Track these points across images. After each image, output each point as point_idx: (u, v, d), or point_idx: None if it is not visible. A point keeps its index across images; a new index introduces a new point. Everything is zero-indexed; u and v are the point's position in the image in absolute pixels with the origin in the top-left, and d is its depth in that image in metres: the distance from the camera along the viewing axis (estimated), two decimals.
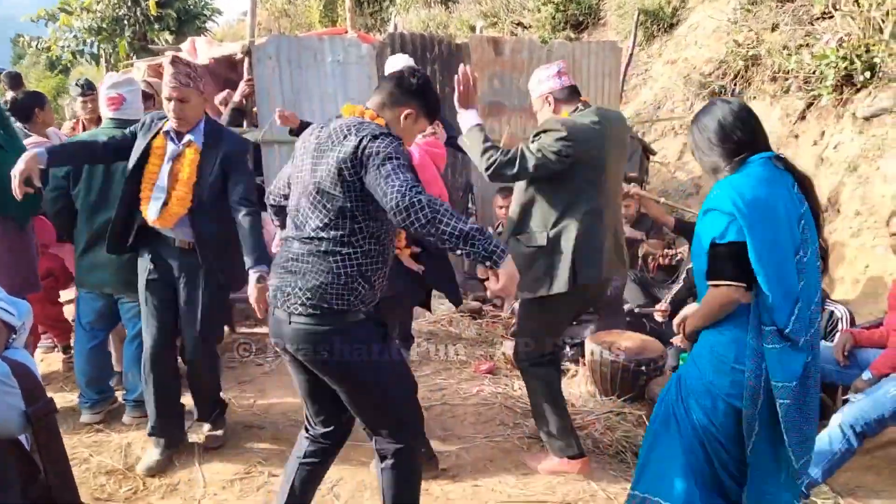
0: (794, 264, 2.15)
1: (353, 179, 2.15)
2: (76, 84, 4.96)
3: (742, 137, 2.21)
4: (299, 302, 2.19)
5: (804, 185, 2.24)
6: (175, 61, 3.07)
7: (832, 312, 3.75)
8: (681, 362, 3.00)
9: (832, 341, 3.65)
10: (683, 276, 4.56)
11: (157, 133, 3.14)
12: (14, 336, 2.14)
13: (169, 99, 3.05)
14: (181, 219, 3.14)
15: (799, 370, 2.16)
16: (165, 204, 3.09)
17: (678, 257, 5.32)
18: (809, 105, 6.24)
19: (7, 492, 1.75)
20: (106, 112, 3.52)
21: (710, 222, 2.18)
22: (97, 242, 3.46)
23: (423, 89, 2.38)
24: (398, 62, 3.68)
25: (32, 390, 1.78)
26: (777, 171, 2.21)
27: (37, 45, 16.65)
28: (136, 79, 4.05)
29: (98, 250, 3.46)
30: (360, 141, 2.14)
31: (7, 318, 2.09)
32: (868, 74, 5.51)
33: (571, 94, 3.12)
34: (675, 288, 4.55)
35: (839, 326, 3.71)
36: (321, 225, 2.20)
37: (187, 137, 3.13)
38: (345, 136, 2.18)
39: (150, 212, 3.11)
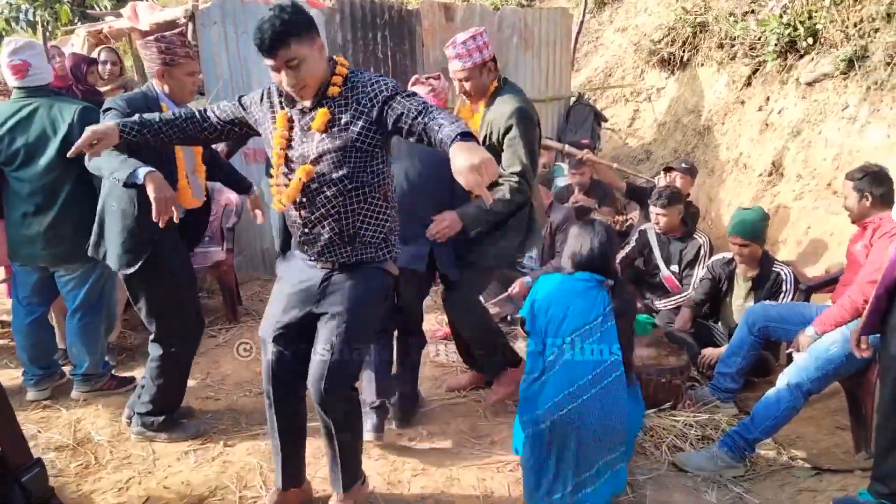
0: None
1: None
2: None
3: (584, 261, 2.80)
4: None
5: (621, 307, 2.75)
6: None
7: (777, 274, 3.83)
8: None
9: (777, 301, 3.77)
10: (635, 237, 4.64)
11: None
12: None
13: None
14: None
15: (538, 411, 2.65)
16: None
17: (629, 223, 5.42)
18: (755, 71, 6.34)
19: None
20: (12, 81, 3.27)
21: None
22: (28, 214, 3.33)
23: None
24: None
25: None
26: (593, 286, 2.75)
27: None
28: (39, 43, 3.78)
29: (30, 223, 3.33)
30: None
31: None
32: (811, 41, 5.61)
33: None
34: (627, 249, 4.64)
35: (783, 287, 3.81)
36: None
37: None
38: None
39: None
